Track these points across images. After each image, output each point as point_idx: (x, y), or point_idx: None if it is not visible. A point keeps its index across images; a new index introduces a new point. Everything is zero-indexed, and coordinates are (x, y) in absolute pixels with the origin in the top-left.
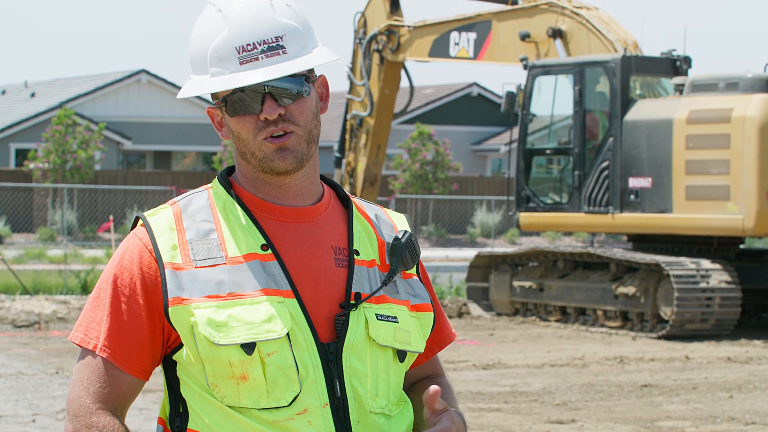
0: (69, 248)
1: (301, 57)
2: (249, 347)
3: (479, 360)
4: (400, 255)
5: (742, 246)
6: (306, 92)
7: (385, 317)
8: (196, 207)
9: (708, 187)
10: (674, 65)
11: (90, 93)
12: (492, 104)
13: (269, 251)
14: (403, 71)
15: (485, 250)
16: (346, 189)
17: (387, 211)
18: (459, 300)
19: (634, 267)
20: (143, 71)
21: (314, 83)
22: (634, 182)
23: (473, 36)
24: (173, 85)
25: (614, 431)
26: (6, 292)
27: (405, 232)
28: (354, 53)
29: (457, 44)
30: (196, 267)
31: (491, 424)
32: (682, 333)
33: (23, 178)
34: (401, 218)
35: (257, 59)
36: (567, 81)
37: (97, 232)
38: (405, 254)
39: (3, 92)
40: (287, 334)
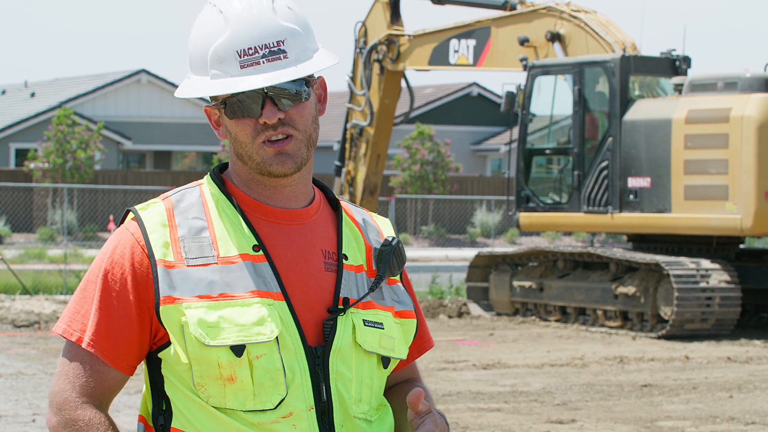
0: (69, 248)
1: (302, 62)
2: (238, 349)
3: (479, 360)
4: (388, 261)
5: (742, 246)
6: (305, 96)
7: (372, 323)
8: (188, 203)
9: (706, 187)
10: (673, 65)
11: (90, 93)
12: (492, 104)
13: (261, 252)
14: (404, 80)
15: (485, 250)
16: (346, 198)
17: (373, 216)
18: (459, 300)
19: (634, 267)
20: (143, 71)
21: (313, 87)
22: (633, 182)
23: (472, 43)
24: (173, 85)
25: (614, 431)
26: (6, 292)
27: (393, 239)
28: (354, 62)
29: (457, 51)
30: (188, 265)
31: (491, 424)
32: (682, 333)
33: (23, 178)
34: (387, 223)
35: (259, 63)
36: (566, 81)
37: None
38: (392, 260)
39: (3, 92)
40: (276, 338)
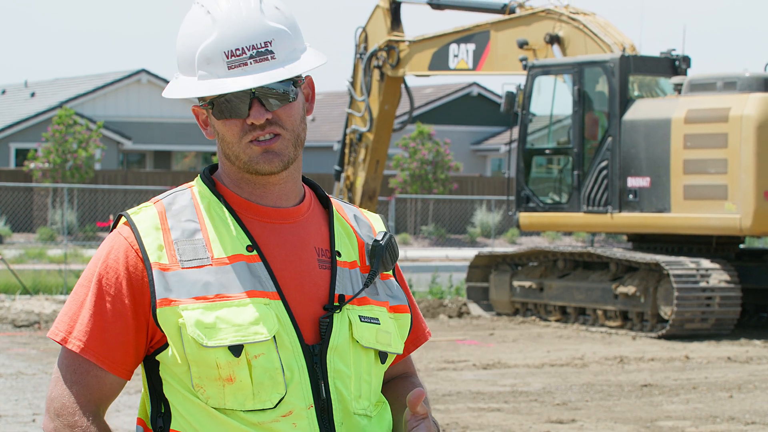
0: (69, 248)
1: (290, 63)
2: (236, 349)
3: (479, 360)
4: (381, 256)
5: (742, 246)
6: (293, 96)
7: (368, 319)
8: (180, 206)
9: (705, 187)
10: (673, 65)
11: (90, 93)
12: (492, 104)
13: (254, 252)
14: (403, 86)
15: (485, 250)
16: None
17: (364, 212)
18: (459, 300)
19: (634, 267)
20: (143, 71)
21: (301, 87)
22: (633, 182)
23: (472, 47)
24: None
25: (614, 431)
26: (6, 292)
27: (385, 233)
28: (355, 68)
29: (456, 56)
30: (183, 268)
31: (491, 424)
32: (682, 333)
33: (23, 178)
34: (378, 219)
35: (246, 64)
36: (566, 83)
37: (97, 225)
38: (385, 255)
39: (3, 92)
40: (274, 337)
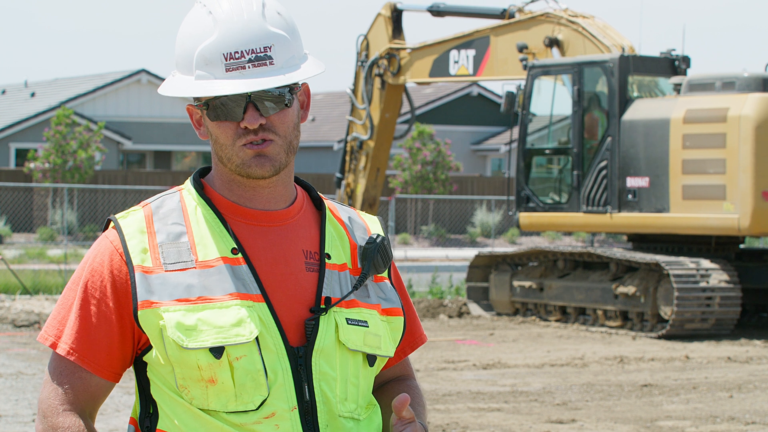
0: (69, 248)
1: (288, 69)
2: (218, 351)
3: (479, 360)
4: (372, 259)
5: (742, 246)
6: (288, 102)
7: (355, 321)
8: (168, 209)
9: (704, 187)
10: (673, 65)
11: (90, 93)
12: (492, 104)
13: (239, 255)
14: (404, 94)
15: (485, 250)
16: None
17: (360, 214)
18: (459, 300)
19: (634, 267)
20: (143, 71)
21: (297, 93)
22: (632, 182)
23: (472, 53)
24: None
25: (614, 431)
26: (6, 292)
27: (378, 236)
28: (356, 76)
29: (457, 62)
30: (166, 270)
31: (491, 424)
32: (682, 333)
33: (23, 178)
34: (375, 221)
35: (244, 68)
36: (565, 85)
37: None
38: (377, 258)
39: (3, 92)
40: (256, 339)
